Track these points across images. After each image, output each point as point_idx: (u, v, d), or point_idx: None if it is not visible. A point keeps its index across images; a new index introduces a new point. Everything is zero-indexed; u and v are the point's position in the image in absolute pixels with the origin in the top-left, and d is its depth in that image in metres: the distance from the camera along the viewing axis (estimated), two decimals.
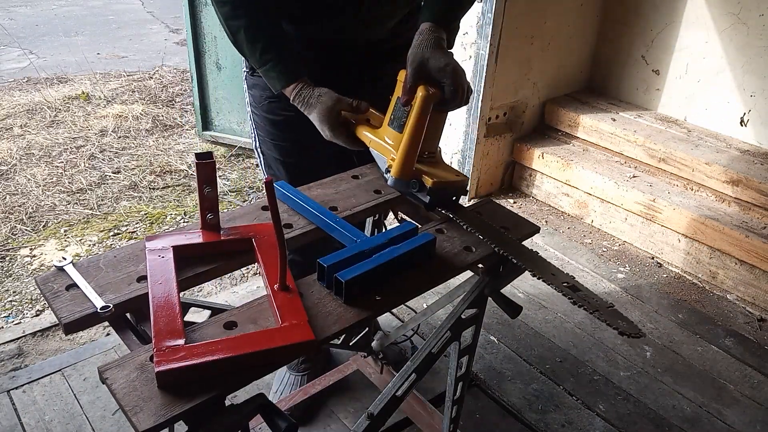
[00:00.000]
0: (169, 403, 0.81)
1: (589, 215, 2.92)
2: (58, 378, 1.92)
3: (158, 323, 0.90)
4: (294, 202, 1.25)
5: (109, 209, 2.92)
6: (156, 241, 1.09)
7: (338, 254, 1.05)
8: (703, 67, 2.88)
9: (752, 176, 2.51)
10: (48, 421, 1.77)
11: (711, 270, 2.52)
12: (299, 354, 0.92)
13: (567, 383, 2.00)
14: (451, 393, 1.38)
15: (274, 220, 0.93)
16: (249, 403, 0.90)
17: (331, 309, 0.99)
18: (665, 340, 2.21)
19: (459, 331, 1.27)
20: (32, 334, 2.10)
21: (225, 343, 0.87)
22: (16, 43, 5.38)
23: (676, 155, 2.72)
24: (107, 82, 4.51)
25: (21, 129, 3.68)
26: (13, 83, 4.49)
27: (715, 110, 2.90)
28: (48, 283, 1.01)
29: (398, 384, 1.22)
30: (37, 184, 3.07)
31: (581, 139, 3.07)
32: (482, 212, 1.29)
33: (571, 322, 2.26)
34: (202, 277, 1.08)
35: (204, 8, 3.22)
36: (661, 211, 2.62)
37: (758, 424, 1.89)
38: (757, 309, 2.40)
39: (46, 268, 2.49)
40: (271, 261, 1.06)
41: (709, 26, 2.81)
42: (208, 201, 1.11)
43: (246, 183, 3.22)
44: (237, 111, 3.44)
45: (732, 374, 2.08)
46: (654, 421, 1.88)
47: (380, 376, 1.75)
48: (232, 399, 0.90)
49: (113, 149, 3.48)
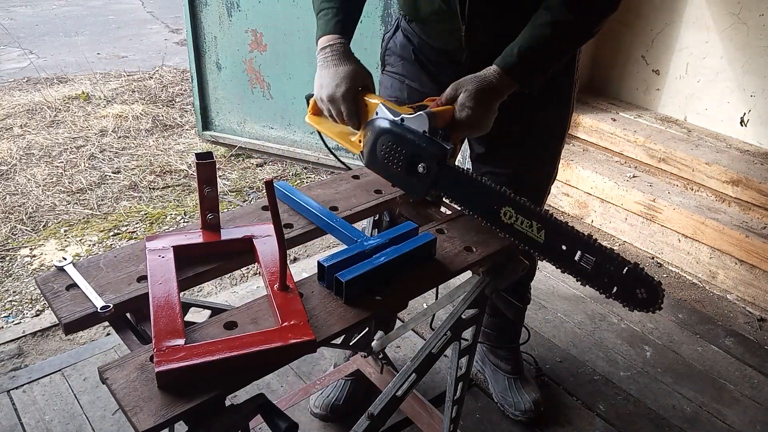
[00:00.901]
0: (169, 403, 0.81)
1: (589, 215, 2.92)
2: (58, 378, 1.92)
3: (158, 323, 0.90)
4: (294, 202, 1.25)
5: (109, 209, 2.92)
6: (156, 241, 1.09)
7: (338, 254, 1.05)
8: (703, 67, 2.88)
9: (752, 176, 2.51)
10: (48, 421, 1.77)
11: (711, 270, 2.52)
12: (299, 354, 0.92)
13: (567, 383, 2.00)
14: (451, 393, 1.38)
15: (274, 220, 0.93)
16: (249, 403, 0.90)
17: (331, 309, 0.99)
18: (665, 340, 2.21)
19: (459, 331, 1.26)
20: (32, 334, 2.10)
21: (225, 343, 0.87)
22: (16, 43, 5.39)
23: (676, 155, 2.72)
24: (107, 82, 4.51)
25: (21, 129, 3.68)
26: (13, 83, 4.49)
27: (715, 110, 2.90)
28: (48, 283, 1.01)
29: (398, 384, 1.22)
30: (37, 184, 3.07)
31: (581, 139, 3.07)
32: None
33: (571, 322, 2.26)
34: (203, 277, 1.08)
35: (204, 8, 3.22)
36: (661, 211, 2.62)
37: (758, 424, 1.89)
38: (757, 309, 2.40)
39: (46, 268, 2.49)
40: (271, 261, 1.06)
41: (709, 26, 2.81)
42: (209, 201, 1.11)
43: (246, 183, 3.22)
44: (237, 111, 3.44)
45: (732, 374, 2.08)
46: (654, 421, 1.88)
47: (380, 376, 1.75)
48: (232, 399, 0.90)
49: (113, 149, 3.48)
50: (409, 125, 1.16)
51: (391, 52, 1.56)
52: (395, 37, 1.55)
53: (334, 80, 1.26)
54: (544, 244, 1.03)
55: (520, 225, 1.05)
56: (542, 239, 1.02)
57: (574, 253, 0.99)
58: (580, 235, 0.99)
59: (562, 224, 1.01)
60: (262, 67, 3.25)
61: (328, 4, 1.33)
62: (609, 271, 0.96)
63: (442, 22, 1.37)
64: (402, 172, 1.18)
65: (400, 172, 1.19)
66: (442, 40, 1.44)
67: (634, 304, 0.95)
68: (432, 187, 1.16)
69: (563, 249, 1.00)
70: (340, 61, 1.27)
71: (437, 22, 1.40)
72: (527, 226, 1.04)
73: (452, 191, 1.16)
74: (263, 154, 3.46)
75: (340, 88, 1.25)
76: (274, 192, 0.91)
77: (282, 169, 3.36)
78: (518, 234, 1.06)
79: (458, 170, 1.14)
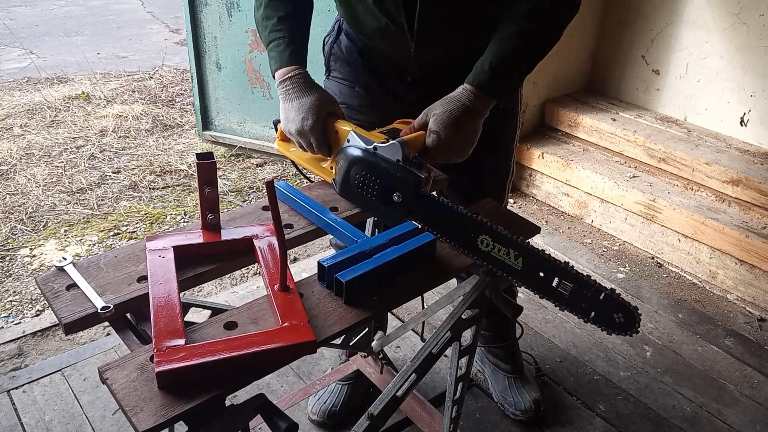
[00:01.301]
0: (169, 403, 0.81)
1: (589, 215, 2.92)
2: (58, 378, 1.92)
3: (158, 323, 0.90)
4: (294, 202, 1.25)
5: (109, 209, 2.92)
6: (156, 241, 1.09)
7: (338, 254, 1.05)
8: (703, 67, 2.88)
9: (752, 176, 2.51)
10: (48, 421, 1.77)
11: (711, 270, 2.52)
12: (299, 354, 0.92)
13: (567, 383, 2.00)
14: (451, 393, 1.38)
15: (274, 220, 0.93)
16: (249, 403, 0.90)
17: (332, 309, 0.99)
18: (665, 340, 2.21)
19: (459, 332, 1.26)
20: (32, 334, 2.10)
21: (225, 343, 0.88)
22: (17, 43, 5.38)
23: (676, 155, 2.72)
24: (107, 82, 4.51)
25: (21, 129, 3.68)
26: (13, 83, 4.49)
27: (715, 110, 2.90)
28: (48, 283, 1.01)
29: (398, 384, 1.22)
30: (37, 184, 3.07)
31: (581, 139, 3.07)
32: (482, 212, 1.29)
33: (571, 322, 2.26)
34: (203, 277, 1.08)
35: (204, 8, 3.22)
36: (661, 211, 2.62)
37: (758, 424, 1.89)
38: (757, 309, 2.40)
39: (46, 268, 2.49)
40: (271, 261, 1.06)
41: (709, 26, 2.80)
42: (209, 201, 1.11)
43: (246, 183, 3.22)
44: (237, 111, 3.44)
45: (732, 374, 2.08)
46: (654, 421, 1.88)
47: (380, 376, 1.75)
48: (232, 399, 0.90)
49: (113, 149, 3.48)
50: (381, 153, 1.15)
51: (336, 58, 1.50)
52: (339, 41, 1.49)
53: (299, 113, 1.24)
54: (521, 271, 1.02)
55: (497, 253, 1.05)
56: (520, 266, 1.02)
57: (552, 280, 0.99)
58: (557, 262, 0.99)
59: (538, 252, 1.00)
60: (262, 67, 3.25)
61: (277, 34, 1.29)
62: (586, 296, 0.96)
63: (389, 37, 1.34)
64: (377, 201, 1.17)
65: (374, 201, 1.17)
66: (389, 52, 1.40)
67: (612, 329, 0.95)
68: (407, 216, 1.15)
69: (540, 276, 1.00)
70: (302, 93, 1.25)
71: (383, 38, 1.36)
72: (504, 254, 1.03)
73: (428, 220, 1.14)
74: (263, 154, 3.46)
75: (307, 121, 1.24)
76: (274, 192, 0.91)
77: (282, 169, 3.36)
78: (496, 261, 1.05)
79: (433, 199, 1.12)
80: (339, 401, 1.79)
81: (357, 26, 1.40)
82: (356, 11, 1.34)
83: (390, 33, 1.31)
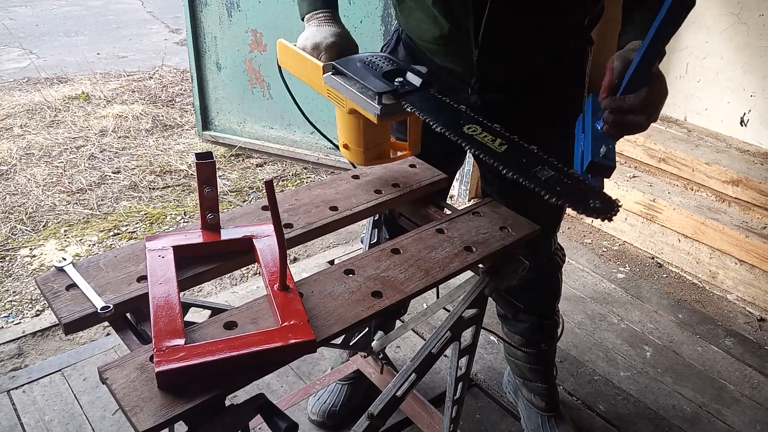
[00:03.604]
0: (169, 403, 0.81)
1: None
2: (58, 378, 1.92)
3: (158, 323, 0.90)
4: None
5: (109, 209, 2.92)
6: (156, 241, 1.09)
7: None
8: (703, 67, 2.88)
9: (752, 176, 2.51)
10: (48, 421, 1.77)
11: (711, 270, 2.52)
12: (299, 354, 0.92)
13: (567, 383, 2.00)
14: (451, 393, 1.38)
15: (274, 220, 0.93)
16: (249, 403, 0.90)
17: (331, 309, 0.99)
18: (665, 340, 2.21)
19: (459, 332, 1.26)
20: (32, 334, 2.10)
21: (225, 343, 0.87)
22: (16, 42, 5.39)
23: (676, 155, 2.72)
24: (107, 82, 4.51)
25: (21, 129, 3.68)
26: (13, 83, 4.49)
27: (715, 110, 2.90)
28: (48, 283, 1.01)
29: (398, 384, 1.22)
30: (37, 184, 3.08)
31: None
32: (482, 212, 1.29)
33: (571, 322, 2.26)
34: (203, 277, 1.08)
35: (204, 8, 3.22)
36: (661, 211, 2.62)
37: (758, 424, 1.89)
38: (757, 309, 2.40)
39: (46, 268, 2.49)
40: (271, 261, 1.06)
41: (709, 26, 2.80)
42: (208, 201, 1.11)
43: (246, 183, 3.22)
44: (237, 111, 3.44)
45: (732, 374, 2.08)
46: (654, 421, 1.88)
47: (380, 376, 1.75)
48: (232, 399, 0.90)
49: (113, 149, 3.48)
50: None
51: None
52: (396, 52, 1.47)
53: (322, 34, 1.23)
54: (503, 155, 1.03)
55: (480, 137, 1.06)
56: (502, 150, 1.04)
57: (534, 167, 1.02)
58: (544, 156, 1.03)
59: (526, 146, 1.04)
60: (262, 67, 3.25)
61: None
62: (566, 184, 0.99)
63: (451, 45, 1.31)
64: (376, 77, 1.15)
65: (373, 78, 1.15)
66: (449, 62, 1.36)
67: (589, 212, 0.97)
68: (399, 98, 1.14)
69: (523, 161, 1.02)
70: (333, 24, 1.25)
71: (445, 46, 1.32)
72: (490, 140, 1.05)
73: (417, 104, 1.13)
74: (263, 154, 3.46)
75: (328, 40, 1.22)
76: (274, 192, 0.91)
77: (282, 169, 3.36)
78: (478, 144, 1.05)
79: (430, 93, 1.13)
80: (339, 401, 1.79)
81: (417, 33, 1.37)
82: (418, 19, 1.32)
83: (452, 41, 1.28)
